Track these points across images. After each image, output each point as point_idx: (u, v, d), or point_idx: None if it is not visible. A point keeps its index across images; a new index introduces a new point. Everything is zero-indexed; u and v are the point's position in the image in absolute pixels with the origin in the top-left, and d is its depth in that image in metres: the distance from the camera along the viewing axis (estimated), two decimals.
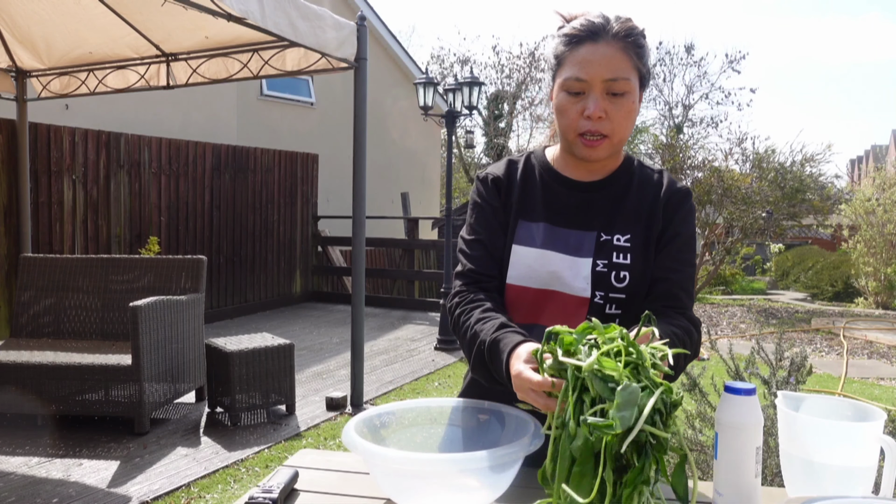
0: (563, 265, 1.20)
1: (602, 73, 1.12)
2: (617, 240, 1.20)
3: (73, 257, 4.41)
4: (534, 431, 1.06)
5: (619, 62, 1.13)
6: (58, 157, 5.89)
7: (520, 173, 1.27)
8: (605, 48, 1.13)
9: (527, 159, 1.30)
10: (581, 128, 1.14)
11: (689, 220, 1.24)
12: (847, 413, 1.05)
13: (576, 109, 1.14)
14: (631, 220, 1.21)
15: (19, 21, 4.77)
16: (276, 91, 10.02)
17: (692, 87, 23.11)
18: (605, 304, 1.19)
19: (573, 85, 1.14)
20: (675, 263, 1.21)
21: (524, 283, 1.21)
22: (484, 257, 1.24)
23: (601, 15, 1.17)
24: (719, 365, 2.78)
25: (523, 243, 1.22)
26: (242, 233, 7.78)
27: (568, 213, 1.23)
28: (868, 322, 8.65)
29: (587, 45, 1.14)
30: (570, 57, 1.15)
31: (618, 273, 1.19)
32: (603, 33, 1.13)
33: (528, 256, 1.21)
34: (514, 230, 1.23)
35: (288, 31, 3.72)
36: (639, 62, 1.15)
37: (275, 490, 1.06)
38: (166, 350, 3.85)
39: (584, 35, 1.14)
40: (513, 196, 1.25)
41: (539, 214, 1.23)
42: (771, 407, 2.06)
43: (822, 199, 10.87)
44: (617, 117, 1.14)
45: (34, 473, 3.18)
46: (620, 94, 1.13)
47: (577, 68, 1.13)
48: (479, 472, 0.99)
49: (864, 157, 52.03)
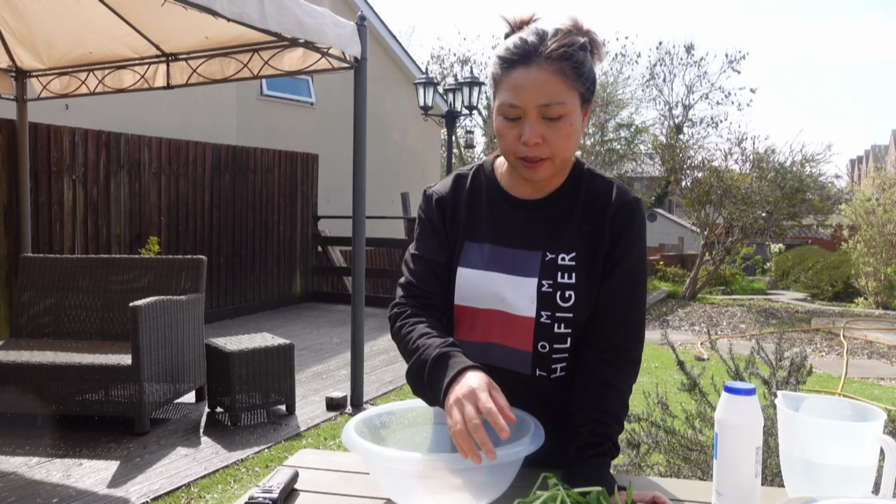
0: (507, 286, 1.18)
1: (535, 98, 1.08)
2: (562, 259, 1.17)
3: (73, 257, 4.41)
4: (534, 432, 1.06)
5: (553, 86, 1.08)
6: (58, 157, 5.89)
7: (467, 191, 1.25)
8: (538, 72, 1.08)
9: (475, 174, 1.27)
10: (520, 152, 1.11)
11: (639, 236, 1.19)
12: (847, 413, 1.05)
13: (513, 134, 1.11)
14: (576, 238, 1.18)
15: (19, 21, 4.77)
16: (276, 91, 10.02)
17: (692, 87, 23.13)
18: (552, 324, 1.18)
19: (508, 111, 1.11)
20: (621, 296, 1.18)
21: (470, 303, 1.21)
22: (424, 273, 1.23)
23: (536, 32, 1.11)
24: (719, 365, 2.78)
25: (468, 265, 1.21)
26: (242, 233, 7.78)
27: (513, 233, 1.20)
28: (868, 322, 8.66)
29: (519, 69, 1.09)
30: (505, 81, 1.11)
31: (563, 293, 1.16)
32: (535, 56, 1.09)
33: (472, 278, 1.20)
34: (460, 251, 1.22)
35: (288, 32, 3.73)
36: (577, 82, 1.10)
37: (275, 490, 1.06)
38: (166, 350, 3.85)
39: (515, 59, 1.10)
40: (459, 216, 1.24)
41: (485, 234, 1.22)
42: (771, 407, 2.06)
43: (822, 199, 10.87)
44: (555, 141, 1.10)
45: (34, 473, 3.18)
46: (556, 118, 1.09)
47: (511, 94, 1.10)
48: (480, 472, 0.99)
49: (864, 157, 52.03)
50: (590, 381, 1.15)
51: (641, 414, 2.49)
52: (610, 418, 1.12)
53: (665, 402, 2.52)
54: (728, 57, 25.76)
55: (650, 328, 8.28)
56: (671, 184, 12.12)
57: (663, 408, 2.50)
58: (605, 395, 1.13)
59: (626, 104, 21.85)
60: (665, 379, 5.32)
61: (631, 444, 2.45)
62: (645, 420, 2.46)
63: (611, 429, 1.11)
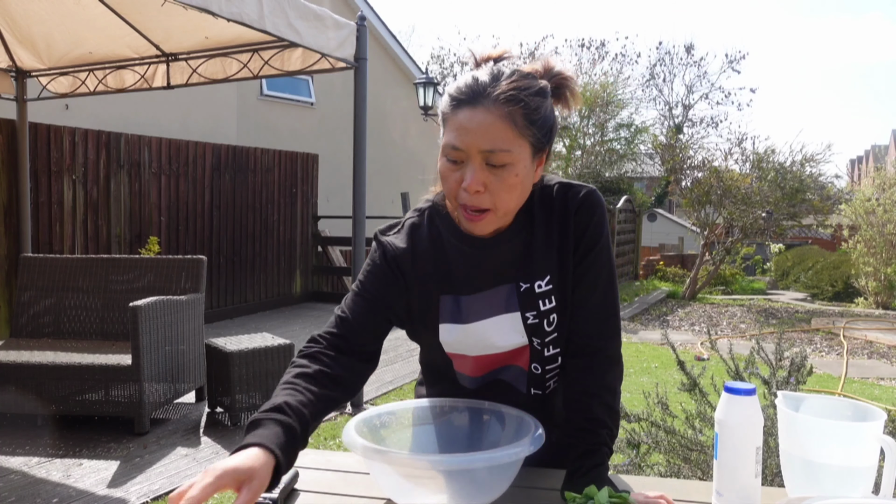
0: (492, 330, 1.16)
1: (479, 143, 1.01)
2: (538, 287, 1.14)
3: (73, 257, 4.41)
4: (534, 432, 1.06)
5: (499, 132, 1.01)
6: (58, 157, 5.89)
7: (427, 243, 1.17)
8: (484, 115, 1.01)
9: (430, 220, 1.19)
10: (461, 198, 1.05)
11: (601, 227, 1.15)
12: (847, 413, 1.05)
13: (454, 178, 1.05)
14: (546, 261, 1.14)
15: (19, 21, 4.77)
16: (276, 91, 10.02)
17: (692, 87, 23.12)
18: (542, 349, 1.18)
19: (450, 153, 1.04)
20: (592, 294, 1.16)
21: (462, 351, 1.20)
22: (362, 313, 1.16)
23: (491, 72, 1.04)
24: (719, 365, 2.78)
25: (449, 320, 1.17)
26: (242, 233, 7.78)
27: (484, 274, 1.16)
28: (868, 322, 8.65)
29: (466, 109, 1.02)
30: (451, 120, 1.04)
31: (548, 318, 1.15)
32: (483, 97, 1.01)
33: (457, 333, 1.17)
34: (436, 307, 1.17)
35: (288, 32, 3.73)
36: (527, 129, 1.03)
37: (275, 490, 1.06)
38: (166, 350, 3.85)
39: (463, 98, 1.03)
40: (427, 273, 1.17)
41: (458, 285, 1.17)
42: (771, 407, 2.06)
43: (822, 199, 10.87)
44: (498, 191, 1.03)
45: (34, 473, 3.18)
46: (500, 166, 1.02)
47: (454, 135, 1.03)
48: (480, 472, 0.99)
49: (864, 157, 52.03)
50: (573, 392, 1.16)
51: (641, 414, 2.49)
52: (596, 425, 1.11)
53: (665, 402, 2.52)
54: (728, 57, 25.77)
55: (650, 328, 8.28)
56: (671, 184, 12.12)
57: (663, 408, 2.50)
58: (587, 405, 1.13)
59: (626, 104, 21.84)
60: (665, 379, 5.32)
61: (631, 444, 2.45)
62: (645, 420, 2.46)
63: (600, 435, 1.11)
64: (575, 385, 1.15)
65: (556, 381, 1.24)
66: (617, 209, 12.06)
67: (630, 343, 7.23)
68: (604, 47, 21.08)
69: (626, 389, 5.12)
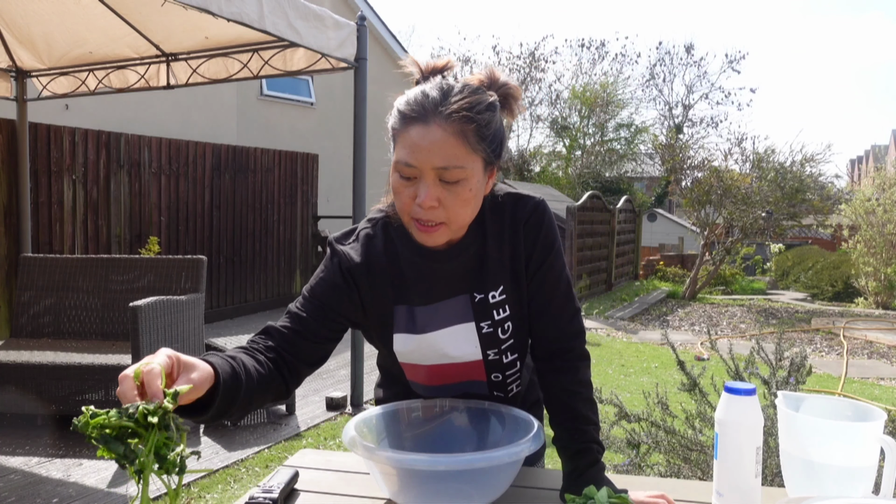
0: (446, 340, 1.17)
1: (432, 160, 1.01)
2: (492, 297, 1.16)
3: (73, 257, 4.41)
4: (535, 432, 1.06)
5: (452, 148, 1.01)
6: (58, 157, 5.89)
7: (382, 257, 1.17)
8: (437, 132, 1.01)
9: (385, 231, 1.18)
10: (414, 213, 1.05)
11: (551, 236, 1.16)
12: (847, 413, 1.05)
13: (408, 194, 1.04)
14: (499, 271, 1.16)
15: (19, 21, 4.77)
16: (276, 91, 10.02)
17: (692, 87, 23.14)
18: (500, 357, 1.20)
19: (403, 169, 1.04)
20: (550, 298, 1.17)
21: (416, 361, 1.21)
22: (309, 321, 1.14)
23: (441, 87, 1.04)
24: (719, 365, 2.78)
25: (403, 330, 1.17)
26: (242, 233, 7.78)
27: (438, 286, 1.17)
28: (868, 322, 8.65)
29: (417, 126, 1.02)
30: (402, 137, 1.04)
31: (502, 327, 1.17)
32: (434, 114, 1.01)
33: (410, 343, 1.18)
34: (391, 316, 1.17)
35: (288, 32, 3.72)
36: (479, 145, 1.03)
37: (275, 490, 1.07)
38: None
39: (414, 115, 1.03)
40: (382, 285, 1.16)
41: (412, 296, 1.17)
42: (771, 407, 2.06)
43: (822, 199, 10.87)
44: (452, 205, 1.04)
45: (34, 473, 3.18)
46: (454, 182, 1.03)
47: (407, 152, 1.02)
48: (480, 472, 0.99)
49: (864, 157, 52.04)
50: (552, 392, 1.17)
51: (641, 414, 2.49)
52: (582, 422, 1.13)
53: (665, 402, 2.52)
54: (728, 57, 25.79)
55: (650, 328, 8.29)
56: (671, 184, 12.13)
57: (663, 408, 2.50)
58: (569, 404, 1.14)
59: (626, 104, 21.86)
60: (665, 379, 5.32)
61: (631, 444, 2.45)
62: (645, 420, 2.46)
63: (587, 432, 1.12)
64: (553, 386, 1.17)
65: (518, 384, 1.27)
66: (617, 209, 12.06)
67: (630, 343, 7.23)
68: (604, 47, 21.10)
69: (626, 389, 5.13)
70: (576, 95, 20.19)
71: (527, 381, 1.33)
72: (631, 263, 13.45)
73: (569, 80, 21.20)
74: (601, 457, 1.11)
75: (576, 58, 25.13)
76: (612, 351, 6.69)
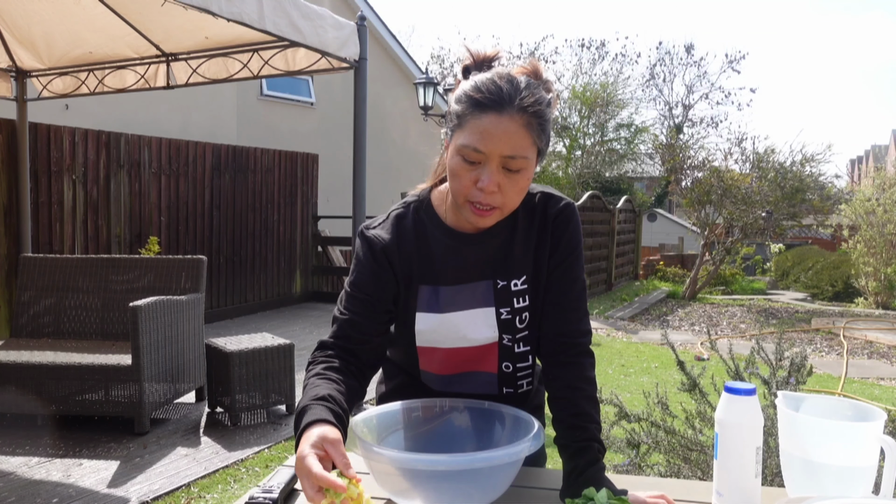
0: (466, 322, 1.21)
1: (501, 148, 1.06)
2: (514, 285, 1.20)
3: (73, 257, 4.41)
4: (535, 432, 1.06)
5: (520, 139, 1.07)
6: (58, 157, 5.89)
7: (411, 234, 1.22)
8: (509, 123, 1.06)
9: (415, 213, 1.23)
10: (472, 196, 1.09)
11: (576, 237, 1.22)
12: (847, 413, 1.05)
13: (469, 177, 1.09)
14: (523, 261, 1.21)
15: (19, 21, 4.77)
16: (276, 91, 10.02)
17: (692, 87, 23.12)
18: (513, 345, 1.23)
19: (470, 154, 1.07)
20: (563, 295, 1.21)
21: (434, 344, 1.23)
22: (360, 314, 1.18)
23: (509, 79, 1.08)
24: (719, 365, 2.78)
25: (426, 309, 1.21)
26: (242, 233, 7.78)
27: (464, 268, 1.21)
28: (868, 322, 8.65)
29: (491, 115, 1.06)
30: (472, 123, 1.07)
31: (521, 316, 1.21)
32: (508, 105, 1.06)
33: (432, 322, 1.21)
34: (415, 296, 1.21)
35: (288, 32, 3.73)
36: (539, 138, 1.09)
37: (275, 490, 1.07)
38: (166, 350, 3.85)
39: (488, 104, 1.07)
40: (408, 262, 1.21)
41: (437, 276, 1.21)
42: (771, 407, 2.06)
43: (822, 199, 10.88)
44: (510, 192, 1.10)
45: (34, 473, 3.18)
46: (516, 170, 1.08)
47: (477, 138, 1.06)
48: (480, 472, 0.99)
49: (864, 157, 52.02)
50: (556, 386, 1.18)
51: (641, 414, 2.49)
52: (584, 419, 1.14)
53: (665, 402, 2.52)
54: (728, 57, 25.79)
55: (650, 328, 8.28)
56: (671, 184, 12.12)
57: (663, 408, 2.50)
58: (572, 400, 1.16)
59: (626, 104, 21.84)
60: (665, 379, 5.32)
61: (631, 444, 2.45)
62: (645, 420, 2.46)
63: (589, 430, 1.13)
64: (558, 380, 1.18)
65: (528, 381, 1.29)
66: (617, 209, 12.06)
67: (630, 343, 7.23)
68: (604, 47, 21.07)
69: (626, 389, 5.13)
70: (576, 95, 20.18)
71: (535, 383, 1.34)
72: (631, 263, 13.45)
73: (569, 80, 21.18)
74: (602, 456, 1.11)
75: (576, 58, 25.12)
76: (612, 351, 6.69)
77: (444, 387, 1.28)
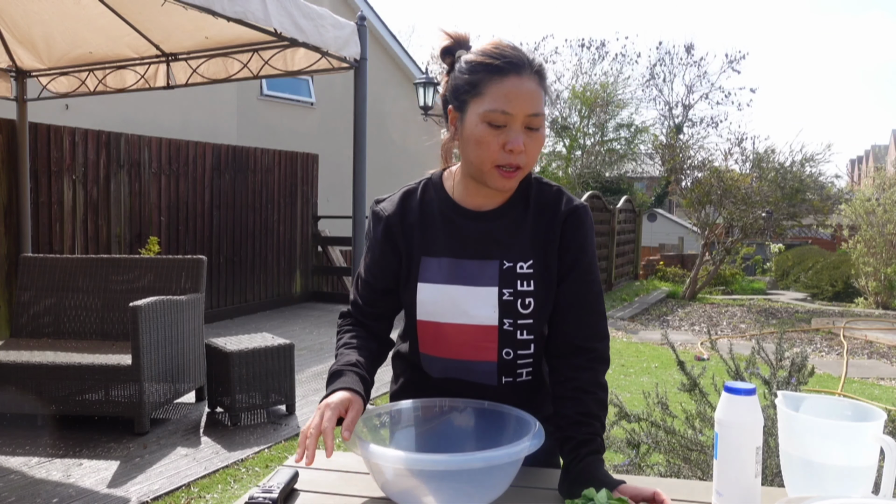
0: (467, 297, 1.21)
1: (526, 107, 1.12)
2: (520, 267, 1.21)
3: (73, 257, 4.40)
4: (534, 432, 1.06)
5: (539, 98, 1.14)
6: (58, 157, 5.89)
7: (417, 208, 1.26)
8: (529, 83, 1.13)
9: (424, 189, 1.28)
10: (500, 160, 1.13)
11: (588, 240, 1.24)
12: (847, 413, 1.05)
13: (497, 142, 1.12)
14: (530, 246, 1.22)
15: (19, 21, 4.77)
16: (276, 91, 10.02)
17: (692, 87, 23.10)
18: (515, 331, 1.22)
19: (498, 118, 1.12)
20: (578, 299, 1.22)
21: (433, 318, 1.23)
22: (369, 296, 1.31)
23: (513, 45, 1.16)
24: (719, 365, 2.78)
25: (428, 280, 1.23)
26: (242, 233, 7.78)
27: (469, 245, 1.23)
28: (868, 322, 8.65)
29: (512, 77, 1.12)
30: (495, 88, 1.12)
31: (523, 300, 1.21)
32: (527, 66, 1.13)
33: (433, 292, 1.22)
34: (417, 267, 1.24)
35: (291, 31, 3.73)
36: (546, 94, 1.18)
37: (275, 490, 1.07)
38: (166, 350, 3.85)
39: (509, 67, 1.12)
40: (412, 235, 1.25)
41: (441, 249, 1.23)
42: (771, 407, 2.06)
43: (822, 199, 10.87)
44: (532, 150, 1.15)
45: (34, 473, 3.18)
46: (536, 128, 1.14)
47: (503, 101, 1.11)
48: (480, 471, 0.99)
49: (864, 157, 52.04)
50: (566, 390, 1.18)
51: (641, 414, 2.49)
52: (590, 418, 1.15)
53: (665, 402, 2.52)
54: (728, 57, 25.76)
55: (650, 328, 8.28)
56: (671, 184, 12.13)
57: (663, 408, 2.50)
58: (582, 401, 1.16)
59: (626, 104, 21.83)
60: (665, 379, 5.32)
61: (631, 444, 2.45)
62: (645, 420, 2.46)
63: (593, 426, 1.14)
64: (569, 382, 1.18)
65: (529, 372, 1.27)
66: (617, 209, 12.06)
67: (630, 343, 7.23)
68: (604, 47, 21.03)
69: (626, 389, 5.14)
70: (576, 95, 20.16)
71: (538, 372, 1.32)
72: (631, 263, 13.45)
73: (569, 80, 21.15)
74: (602, 452, 1.12)
75: (576, 58, 25.11)
76: (613, 351, 6.64)
77: (443, 373, 1.27)
